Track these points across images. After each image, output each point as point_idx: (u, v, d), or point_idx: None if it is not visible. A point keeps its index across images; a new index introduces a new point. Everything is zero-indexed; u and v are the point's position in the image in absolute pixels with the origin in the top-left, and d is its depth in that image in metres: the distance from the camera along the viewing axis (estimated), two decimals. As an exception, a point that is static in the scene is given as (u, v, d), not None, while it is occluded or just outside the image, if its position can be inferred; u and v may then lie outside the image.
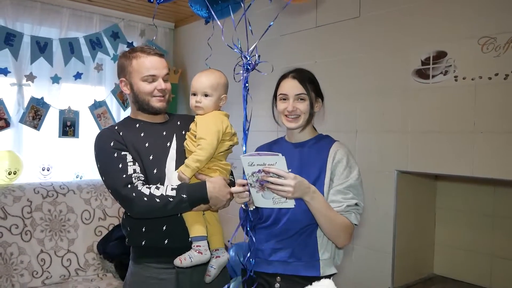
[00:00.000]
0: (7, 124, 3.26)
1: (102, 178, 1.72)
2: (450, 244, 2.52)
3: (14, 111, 3.33)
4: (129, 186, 1.63)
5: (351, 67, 2.61)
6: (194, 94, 1.77)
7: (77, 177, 3.67)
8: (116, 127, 1.78)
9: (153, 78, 1.76)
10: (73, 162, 3.66)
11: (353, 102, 2.59)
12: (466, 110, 2.08)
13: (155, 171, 1.72)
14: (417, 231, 2.50)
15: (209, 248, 1.75)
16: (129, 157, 1.69)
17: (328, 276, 1.60)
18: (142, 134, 1.77)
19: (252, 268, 1.62)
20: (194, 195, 1.64)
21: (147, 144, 1.75)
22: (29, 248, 3.01)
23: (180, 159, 1.75)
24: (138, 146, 1.73)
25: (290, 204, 1.48)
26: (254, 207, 1.58)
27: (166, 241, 1.70)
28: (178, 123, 1.88)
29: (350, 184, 1.60)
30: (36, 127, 3.40)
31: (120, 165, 1.66)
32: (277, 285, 1.62)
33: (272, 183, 1.42)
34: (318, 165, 1.63)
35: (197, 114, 1.80)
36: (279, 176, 1.43)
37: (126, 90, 1.82)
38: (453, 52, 2.14)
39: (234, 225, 1.74)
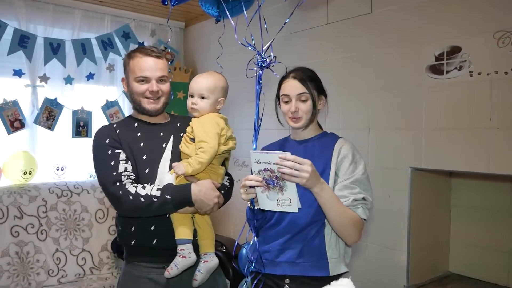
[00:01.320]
0: (22, 125, 3.30)
1: (96, 174, 1.75)
2: (466, 241, 2.48)
3: (28, 112, 3.37)
4: (117, 184, 1.64)
5: (363, 64, 2.58)
6: (192, 96, 1.76)
7: (90, 177, 3.70)
8: (114, 125, 1.81)
9: (145, 79, 1.76)
10: (87, 162, 3.69)
11: (365, 99, 2.57)
12: (482, 105, 2.05)
13: (147, 171, 1.72)
14: (432, 228, 2.47)
15: (199, 252, 1.74)
16: (123, 156, 1.71)
17: (338, 276, 1.59)
18: (138, 134, 1.79)
19: (253, 268, 1.62)
20: (178, 196, 1.63)
21: (142, 144, 1.76)
22: (45, 247, 3.05)
23: (175, 160, 1.75)
24: (133, 145, 1.74)
25: (294, 208, 1.45)
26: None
27: (154, 241, 1.71)
28: (178, 124, 1.88)
29: (356, 179, 1.58)
30: (50, 127, 3.44)
31: (112, 163, 1.68)
32: (286, 287, 1.60)
33: (287, 167, 1.39)
34: (322, 160, 1.62)
35: (193, 116, 1.79)
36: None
37: (125, 88, 1.86)
38: (468, 47, 2.11)
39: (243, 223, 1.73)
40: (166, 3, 2.07)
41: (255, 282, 1.65)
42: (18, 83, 3.34)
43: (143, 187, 1.64)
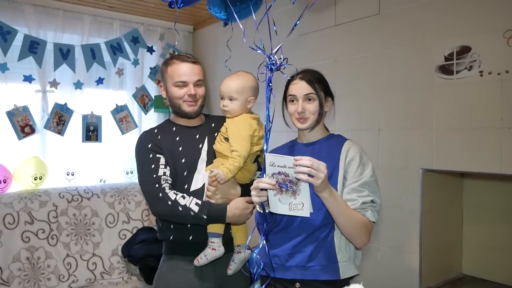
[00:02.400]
0: (32, 130, 3.32)
1: (138, 175, 1.91)
2: (479, 243, 2.45)
3: (39, 117, 3.39)
4: (157, 185, 1.79)
5: (372, 65, 2.57)
6: (222, 98, 1.87)
7: (100, 181, 3.71)
8: (155, 130, 1.95)
9: (183, 84, 1.88)
10: (97, 166, 3.71)
11: (375, 100, 2.55)
12: (493, 105, 2.03)
13: (185, 173, 1.86)
14: (444, 230, 2.45)
15: (232, 244, 1.89)
16: (162, 160, 1.85)
17: (349, 279, 1.58)
18: (177, 138, 1.92)
19: (259, 272, 1.61)
20: (213, 217, 1.77)
21: (180, 148, 1.90)
22: (56, 252, 3.06)
23: (210, 159, 1.90)
24: (173, 150, 1.88)
25: (306, 212, 1.44)
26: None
27: (191, 237, 1.85)
28: (213, 125, 2.01)
29: (364, 182, 1.57)
30: (60, 132, 3.46)
31: (153, 166, 1.83)
32: None
33: (305, 166, 1.38)
34: (330, 162, 1.60)
35: (227, 117, 1.90)
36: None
37: (164, 94, 1.98)
38: (478, 47, 2.09)
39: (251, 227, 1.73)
40: (172, 6, 2.09)
41: (263, 286, 1.64)
42: (28, 88, 3.36)
43: (183, 197, 1.78)
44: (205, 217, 1.75)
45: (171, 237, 1.89)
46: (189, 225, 1.84)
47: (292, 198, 1.44)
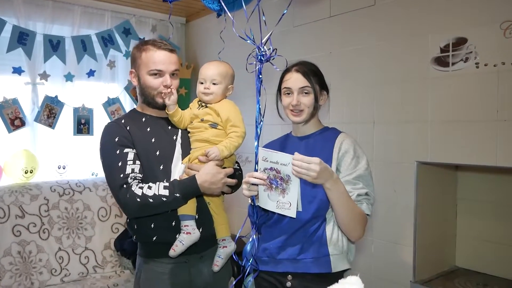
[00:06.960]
0: (22, 123, 3.28)
1: (104, 173, 1.74)
2: (473, 235, 2.45)
3: (29, 110, 3.34)
4: (124, 186, 1.64)
5: (367, 57, 2.55)
6: (202, 83, 1.79)
7: (92, 175, 3.68)
8: (123, 121, 1.78)
9: (159, 73, 1.75)
10: (89, 160, 3.67)
11: (370, 93, 2.53)
12: (489, 97, 2.02)
13: (161, 166, 1.74)
14: (438, 223, 2.44)
15: (216, 238, 1.81)
16: (131, 155, 1.69)
17: (341, 272, 1.58)
18: (148, 129, 1.78)
19: (251, 266, 1.60)
20: (186, 192, 1.65)
21: (153, 140, 1.76)
22: (47, 246, 3.03)
23: (186, 152, 1.79)
24: (145, 142, 1.74)
25: (292, 213, 1.44)
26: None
27: (177, 236, 1.72)
28: None
29: (359, 174, 1.57)
30: (51, 125, 3.41)
31: (120, 163, 1.66)
32: (289, 283, 1.59)
33: (297, 166, 1.37)
34: (323, 155, 1.59)
35: (204, 102, 1.81)
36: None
37: (134, 82, 1.83)
38: (474, 38, 2.07)
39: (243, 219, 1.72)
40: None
41: (252, 278, 1.63)
42: (18, 80, 3.31)
43: (149, 187, 1.64)
44: (178, 195, 1.62)
45: (153, 239, 1.73)
46: (173, 223, 1.72)
47: (280, 196, 1.44)
